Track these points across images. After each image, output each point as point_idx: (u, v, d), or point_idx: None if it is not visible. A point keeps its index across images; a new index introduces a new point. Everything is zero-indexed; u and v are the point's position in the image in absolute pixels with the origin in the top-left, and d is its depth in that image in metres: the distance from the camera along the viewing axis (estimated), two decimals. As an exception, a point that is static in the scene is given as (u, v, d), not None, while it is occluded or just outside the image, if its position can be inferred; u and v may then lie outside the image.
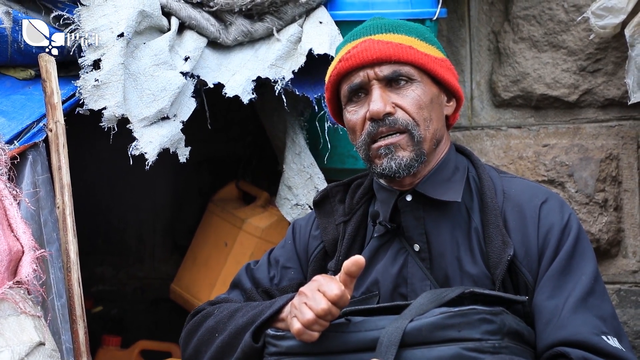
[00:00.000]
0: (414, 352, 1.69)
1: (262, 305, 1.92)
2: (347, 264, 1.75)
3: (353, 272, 1.75)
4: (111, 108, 2.36)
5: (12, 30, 2.43)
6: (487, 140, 3.20)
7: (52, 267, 2.19)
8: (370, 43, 1.96)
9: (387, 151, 1.93)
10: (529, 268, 1.90)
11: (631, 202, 3.06)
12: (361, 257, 1.75)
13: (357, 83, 1.97)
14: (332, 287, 1.74)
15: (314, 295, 1.75)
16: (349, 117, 2.00)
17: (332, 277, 1.80)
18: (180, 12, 2.59)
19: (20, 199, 2.14)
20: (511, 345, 1.72)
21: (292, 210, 2.88)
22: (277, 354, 1.81)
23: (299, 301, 1.78)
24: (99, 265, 4.01)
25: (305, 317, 1.74)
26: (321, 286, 1.76)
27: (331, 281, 1.76)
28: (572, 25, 3.02)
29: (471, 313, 1.69)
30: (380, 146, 1.93)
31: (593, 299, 1.84)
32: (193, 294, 3.43)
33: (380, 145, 1.93)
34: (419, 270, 1.96)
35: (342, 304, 1.74)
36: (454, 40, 3.25)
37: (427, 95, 1.96)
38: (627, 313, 3.04)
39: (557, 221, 1.92)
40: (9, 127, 2.31)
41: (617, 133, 3.05)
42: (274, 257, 2.17)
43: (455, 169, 2.02)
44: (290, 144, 2.87)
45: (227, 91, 2.55)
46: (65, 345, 2.16)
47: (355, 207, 2.10)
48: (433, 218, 1.97)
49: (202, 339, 1.98)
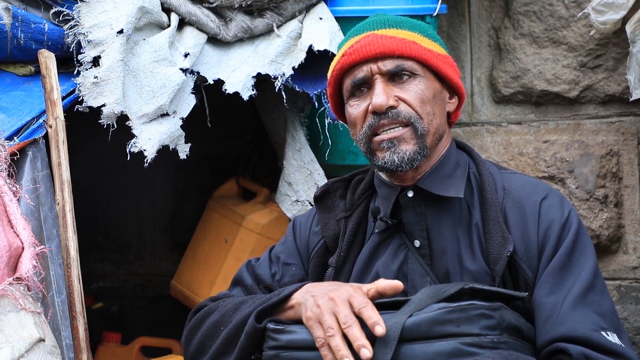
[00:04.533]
0: (413, 347, 1.69)
1: (270, 294, 1.92)
2: (385, 286, 1.76)
3: (387, 295, 1.77)
4: (110, 105, 2.36)
5: (11, 26, 2.43)
6: (487, 136, 3.20)
7: (52, 263, 2.19)
8: (374, 38, 1.96)
9: (390, 145, 1.93)
10: (529, 264, 1.90)
11: (631, 198, 3.06)
12: (400, 284, 1.76)
13: (361, 77, 1.97)
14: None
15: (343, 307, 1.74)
16: (350, 110, 2.00)
17: (362, 291, 1.79)
18: (180, 9, 2.58)
19: (20, 196, 2.14)
20: (510, 340, 1.72)
21: (293, 206, 2.88)
22: (276, 347, 1.81)
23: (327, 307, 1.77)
24: (99, 262, 4.01)
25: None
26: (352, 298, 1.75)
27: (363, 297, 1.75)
28: (572, 21, 3.02)
29: (470, 308, 1.69)
30: (383, 140, 1.93)
31: (593, 294, 1.84)
32: (193, 291, 3.43)
33: (382, 139, 1.93)
34: (419, 266, 1.96)
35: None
36: (454, 36, 3.25)
37: (430, 90, 1.96)
38: (628, 309, 3.04)
39: (557, 217, 1.92)
40: (8, 124, 2.31)
41: (618, 129, 3.05)
42: (275, 253, 2.17)
43: (457, 165, 2.02)
44: (291, 141, 2.87)
45: (227, 87, 2.55)
46: (65, 342, 2.16)
47: (356, 202, 2.09)
48: (434, 214, 1.97)
49: (207, 334, 1.97)
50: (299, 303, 1.82)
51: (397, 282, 1.76)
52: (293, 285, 1.89)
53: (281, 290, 1.90)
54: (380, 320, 1.69)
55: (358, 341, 1.68)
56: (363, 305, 1.72)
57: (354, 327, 1.70)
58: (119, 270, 4.03)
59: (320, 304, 1.76)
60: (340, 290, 1.77)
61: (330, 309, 1.74)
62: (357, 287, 1.79)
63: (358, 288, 1.78)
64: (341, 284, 1.83)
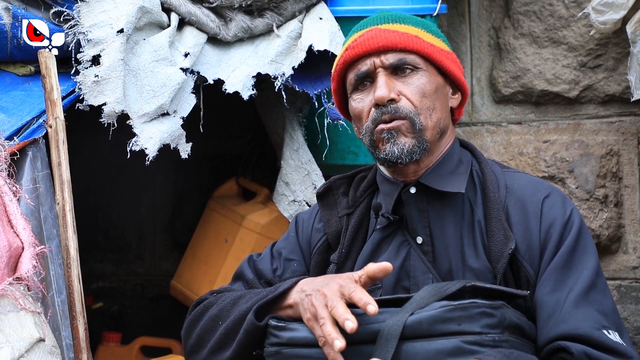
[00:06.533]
0: (414, 345, 1.69)
1: (266, 290, 1.92)
2: (374, 269, 1.76)
3: (378, 278, 1.77)
4: (111, 104, 2.36)
5: (11, 26, 2.43)
6: (487, 136, 3.20)
7: (52, 263, 2.19)
8: (377, 32, 1.97)
9: (390, 135, 1.93)
10: (531, 262, 1.90)
11: (631, 198, 3.06)
12: (389, 265, 1.77)
13: (364, 71, 1.97)
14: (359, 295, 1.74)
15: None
16: (354, 105, 2.01)
17: (352, 279, 1.79)
18: (180, 8, 2.58)
19: (20, 195, 2.14)
20: (511, 339, 1.72)
21: (290, 206, 2.87)
22: (278, 344, 1.81)
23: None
24: (99, 262, 4.01)
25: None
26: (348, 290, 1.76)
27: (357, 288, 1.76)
28: (572, 21, 3.02)
29: (471, 307, 1.69)
30: (383, 129, 1.94)
31: (594, 293, 1.84)
32: (193, 291, 3.43)
33: (382, 129, 1.94)
34: (422, 263, 1.96)
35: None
36: (454, 36, 3.25)
37: (432, 84, 1.97)
38: (628, 309, 3.04)
39: (559, 216, 1.92)
40: (8, 124, 2.30)
41: (618, 129, 3.05)
42: (276, 249, 2.17)
43: (459, 162, 2.02)
44: (289, 140, 2.87)
45: (227, 87, 2.55)
46: (65, 342, 2.16)
47: (358, 199, 2.10)
48: (437, 211, 1.98)
49: (205, 327, 1.98)
50: (296, 303, 1.83)
51: (385, 263, 1.77)
52: (287, 281, 1.90)
53: (277, 286, 1.90)
54: (370, 299, 1.70)
55: (342, 317, 1.70)
56: (352, 290, 1.73)
57: (338, 307, 1.72)
58: (119, 270, 4.02)
59: (314, 301, 1.78)
60: (331, 284, 1.78)
61: (322, 304, 1.75)
62: (347, 276, 1.81)
63: (348, 277, 1.80)
64: (333, 276, 1.84)
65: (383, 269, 1.76)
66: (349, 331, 1.68)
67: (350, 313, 1.70)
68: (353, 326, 1.68)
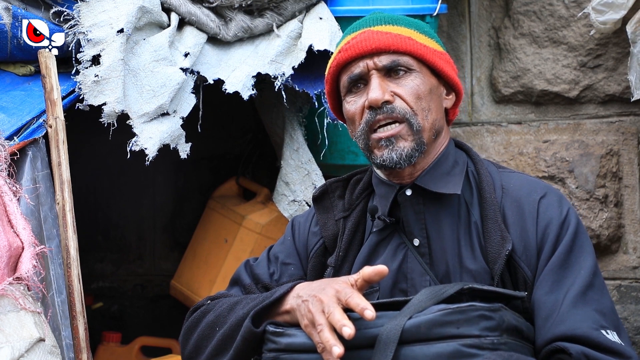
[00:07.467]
0: (413, 349, 1.68)
1: (263, 296, 1.91)
2: (369, 273, 1.75)
3: (374, 281, 1.77)
4: (111, 104, 2.36)
5: (11, 26, 2.43)
6: (487, 136, 3.20)
7: (52, 263, 2.19)
8: (369, 34, 1.97)
9: (388, 143, 1.93)
10: (528, 263, 1.90)
11: (631, 198, 3.06)
12: (385, 268, 1.76)
13: (357, 73, 1.97)
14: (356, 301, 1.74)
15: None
16: (348, 107, 2.00)
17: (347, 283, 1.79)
18: (180, 8, 2.59)
19: (20, 195, 2.14)
20: (510, 341, 1.71)
21: (289, 206, 2.87)
22: (276, 350, 1.81)
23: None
24: (99, 262, 4.01)
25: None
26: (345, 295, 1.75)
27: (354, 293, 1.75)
28: (572, 21, 3.02)
29: (470, 310, 1.69)
30: (381, 138, 1.93)
31: (592, 293, 1.84)
32: (193, 291, 3.43)
33: (380, 137, 1.93)
34: (419, 265, 1.95)
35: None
36: (454, 36, 3.25)
37: (426, 86, 1.96)
38: (628, 309, 3.04)
39: (555, 216, 1.92)
40: (8, 123, 2.31)
41: (618, 129, 3.05)
42: (273, 253, 2.17)
43: (455, 163, 2.02)
44: (289, 140, 2.87)
45: (227, 87, 2.55)
46: (65, 342, 2.16)
47: (355, 202, 2.09)
48: (433, 213, 1.97)
49: (203, 334, 1.97)
50: (293, 309, 1.83)
51: (381, 266, 1.75)
52: (283, 286, 1.89)
53: (273, 291, 1.90)
54: (367, 305, 1.69)
55: (339, 323, 1.69)
56: (349, 296, 1.73)
57: (335, 313, 1.71)
58: (119, 270, 4.03)
59: (311, 308, 1.77)
60: (327, 289, 1.78)
61: (319, 310, 1.75)
62: (343, 280, 1.80)
63: (344, 282, 1.79)
64: (329, 281, 1.83)
65: (379, 272, 1.75)
66: (346, 337, 1.67)
67: (347, 319, 1.70)
68: (350, 332, 1.68)
